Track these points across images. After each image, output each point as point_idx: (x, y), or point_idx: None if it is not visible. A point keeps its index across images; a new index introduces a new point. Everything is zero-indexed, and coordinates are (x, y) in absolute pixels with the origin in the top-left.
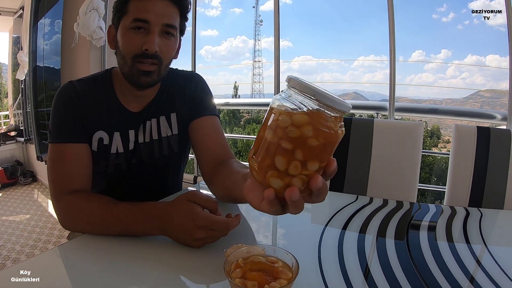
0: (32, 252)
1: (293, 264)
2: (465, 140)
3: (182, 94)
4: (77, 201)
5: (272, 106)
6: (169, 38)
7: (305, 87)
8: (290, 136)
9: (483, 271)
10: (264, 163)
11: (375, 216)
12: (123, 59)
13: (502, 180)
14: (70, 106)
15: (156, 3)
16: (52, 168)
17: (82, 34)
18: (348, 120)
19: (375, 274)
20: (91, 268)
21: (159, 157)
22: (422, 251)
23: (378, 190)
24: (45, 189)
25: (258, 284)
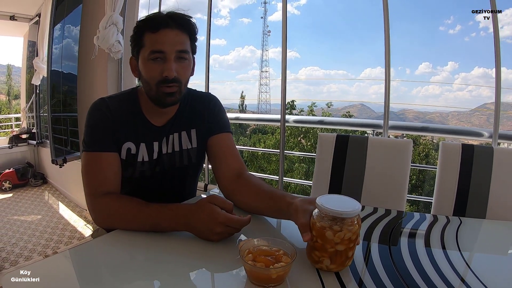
0: (44, 251)
1: (292, 251)
2: (451, 156)
3: (201, 113)
4: (112, 201)
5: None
6: (183, 61)
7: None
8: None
9: (456, 274)
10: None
11: (364, 221)
12: (148, 85)
13: (485, 192)
14: (103, 120)
15: (167, 34)
16: (87, 173)
17: (102, 47)
18: (345, 137)
19: (359, 266)
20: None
21: (179, 167)
22: (402, 254)
23: (371, 200)
24: (56, 192)
25: (265, 264)
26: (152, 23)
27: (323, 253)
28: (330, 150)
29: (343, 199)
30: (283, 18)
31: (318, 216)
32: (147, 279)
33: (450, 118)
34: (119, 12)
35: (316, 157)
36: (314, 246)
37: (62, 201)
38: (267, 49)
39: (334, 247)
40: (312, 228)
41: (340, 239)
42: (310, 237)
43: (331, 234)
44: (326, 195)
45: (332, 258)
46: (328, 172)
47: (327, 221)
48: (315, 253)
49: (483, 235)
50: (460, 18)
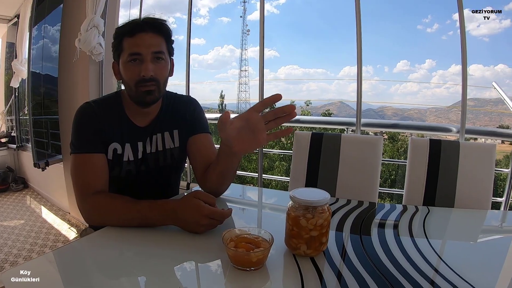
0: (29, 255)
1: (269, 238)
2: (419, 151)
3: (183, 115)
4: (103, 199)
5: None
6: (159, 62)
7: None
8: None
9: (423, 257)
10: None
11: (338, 212)
12: (128, 86)
13: (452, 183)
14: (90, 122)
15: (143, 37)
16: (76, 174)
17: (83, 49)
18: (320, 135)
19: (333, 253)
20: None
21: (163, 165)
22: (372, 240)
23: (345, 193)
24: (37, 196)
25: (245, 250)
26: (129, 28)
27: (299, 239)
28: (306, 147)
29: (314, 191)
30: (260, 17)
31: (292, 207)
32: (139, 270)
33: (428, 114)
34: (100, 14)
35: (292, 154)
36: (291, 234)
37: (45, 205)
38: (246, 48)
39: (309, 233)
40: (288, 218)
41: (313, 225)
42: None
43: (305, 222)
44: (299, 189)
45: (308, 243)
46: (305, 167)
47: (301, 211)
48: (293, 240)
49: (447, 222)
50: (438, 17)
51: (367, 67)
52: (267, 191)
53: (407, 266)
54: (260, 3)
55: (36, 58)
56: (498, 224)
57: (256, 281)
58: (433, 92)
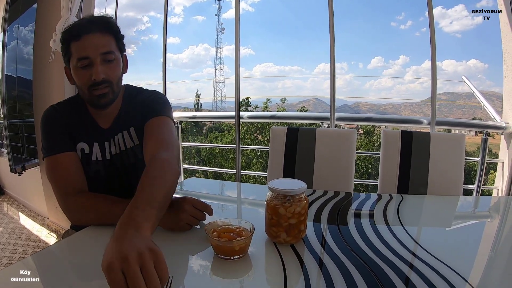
0: (10, 263)
1: (251, 227)
2: (391, 142)
3: (138, 108)
4: (85, 199)
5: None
6: (110, 63)
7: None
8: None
9: (398, 240)
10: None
11: (315, 202)
12: (81, 91)
13: (424, 171)
14: (55, 123)
15: (89, 38)
16: (53, 177)
17: (58, 50)
18: (295, 130)
19: (312, 241)
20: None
21: (129, 165)
22: (349, 228)
23: (321, 185)
24: (14, 202)
25: (228, 239)
26: (74, 31)
27: (279, 228)
28: (282, 142)
29: (290, 181)
30: (236, 16)
31: (271, 197)
32: None
33: (403, 109)
34: (75, 14)
35: (269, 149)
36: (270, 223)
37: (22, 211)
38: (221, 47)
39: (288, 221)
40: (267, 207)
41: (292, 213)
42: None
43: (283, 210)
44: (277, 180)
45: (287, 231)
46: (281, 162)
47: (279, 200)
48: (272, 229)
49: (421, 208)
50: (412, 14)
51: (341, 64)
52: (246, 185)
53: (384, 249)
54: (235, 1)
55: (8, 60)
56: (468, 209)
57: (240, 269)
58: (407, 87)
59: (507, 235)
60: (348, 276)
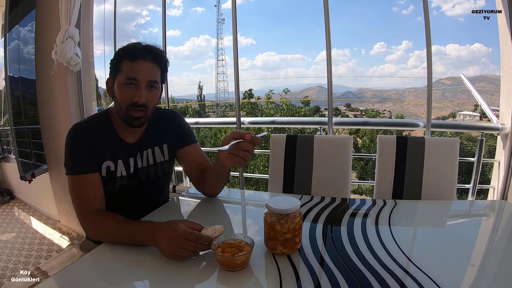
0: (26, 267)
1: (251, 242)
2: (387, 147)
3: (169, 129)
4: (98, 219)
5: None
6: (153, 90)
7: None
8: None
9: (383, 246)
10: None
11: (312, 210)
12: (119, 106)
13: (418, 176)
14: (81, 143)
15: (142, 64)
16: (74, 195)
17: (60, 61)
18: (294, 137)
19: (306, 249)
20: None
21: (154, 178)
22: (341, 236)
23: (320, 190)
24: (25, 206)
25: (231, 254)
26: (131, 53)
27: (276, 241)
28: (282, 149)
29: (286, 199)
30: (232, 5)
31: (268, 214)
32: (138, 281)
33: (407, 94)
34: (74, 24)
35: (270, 155)
36: (268, 237)
37: (34, 215)
38: (222, 38)
39: (284, 236)
40: (265, 223)
41: (287, 229)
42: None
43: (280, 227)
44: (274, 198)
45: (284, 244)
46: (281, 168)
47: (275, 218)
48: (270, 242)
49: (412, 214)
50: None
51: (344, 51)
52: (248, 193)
53: (371, 259)
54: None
55: (11, 61)
56: (461, 215)
57: (242, 279)
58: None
59: (497, 243)
60: (336, 285)
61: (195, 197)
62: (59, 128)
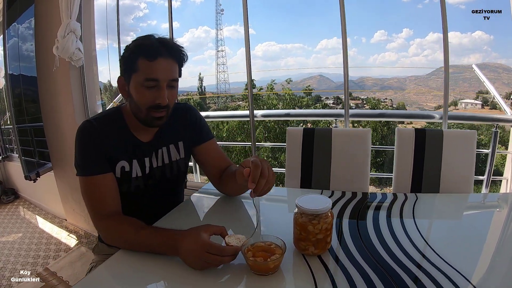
0: (34, 269)
1: (282, 244)
2: (405, 140)
3: (184, 125)
4: (114, 224)
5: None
6: (173, 89)
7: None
8: None
9: (410, 241)
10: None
11: (336, 205)
12: (137, 108)
13: (437, 169)
14: (93, 143)
15: (162, 63)
16: (87, 197)
17: (62, 56)
18: (311, 130)
19: (335, 247)
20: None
21: (170, 177)
22: (368, 233)
23: (338, 183)
24: (30, 205)
25: (263, 258)
26: (148, 50)
27: (307, 242)
28: (299, 142)
29: (316, 198)
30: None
31: (299, 214)
32: (164, 280)
33: (408, 82)
34: (75, 18)
35: (286, 149)
36: (299, 238)
37: (39, 214)
38: (221, 28)
39: (316, 237)
40: (296, 223)
41: (319, 230)
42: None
43: (312, 227)
44: (304, 197)
45: (315, 245)
46: (299, 162)
47: (307, 218)
48: (301, 243)
49: (435, 208)
50: None
51: None
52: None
53: (397, 251)
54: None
55: (9, 58)
56: (485, 209)
57: (275, 284)
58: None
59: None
60: (370, 282)
61: (211, 194)
62: (63, 125)
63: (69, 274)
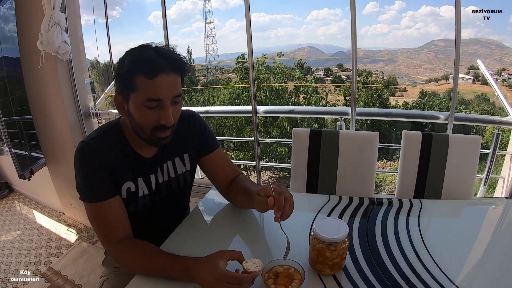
0: (38, 269)
1: (300, 269)
2: (412, 144)
3: (189, 135)
4: (126, 250)
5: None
6: (177, 104)
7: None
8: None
9: (418, 259)
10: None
11: (345, 213)
12: (140, 129)
13: (440, 174)
14: (94, 166)
15: (164, 79)
16: (96, 224)
17: (48, 51)
18: (317, 132)
19: (348, 265)
20: None
21: (177, 190)
22: (377, 244)
23: (344, 186)
24: (25, 199)
25: (284, 285)
26: (146, 68)
27: (324, 265)
28: (305, 144)
29: (334, 223)
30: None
31: (316, 239)
32: None
33: (399, 55)
34: (59, 8)
35: (292, 151)
36: (316, 261)
37: (36, 208)
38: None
39: (332, 261)
40: (314, 248)
41: (336, 255)
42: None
43: (329, 254)
44: (321, 221)
45: (331, 267)
46: (305, 164)
47: (324, 244)
48: (318, 265)
49: (443, 219)
50: None
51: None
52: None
53: (411, 276)
54: None
55: None
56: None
57: None
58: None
59: None
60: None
61: (217, 202)
62: (54, 121)
63: (73, 272)
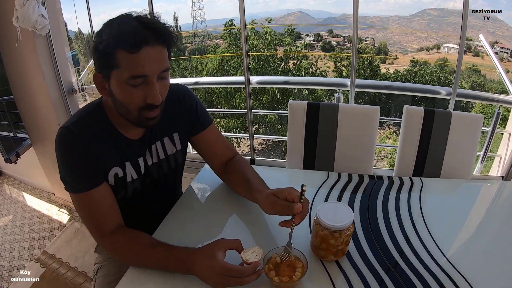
0: (32, 253)
1: (301, 256)
2: (413, 120)
3: (179, 113)
4: (120, 242)
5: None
6: (165, 80)
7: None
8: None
9: (420, 241)
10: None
11: (345, 191)
12: (125, 109)
13: (441, 152)
14: (77, 154)
15: (148, 53)
16: (84, 215)
17: (24, 27)
18: (316, 105)
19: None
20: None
21: (168, 172)
22: (379, 226)
23: (343, 163)
24: (15, 181)
25: (288, 277)
26: (128, 40)
27: (327, 252)
28: (302, 118)
29: (337, 208)
30: None
31: (320, 225)
32: None
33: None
34: None
35: (288, 126)
36: (320, 247)
37: (25, 190)
38: None
39: (336, 248)
40: (317, 235)
41: (341, 242)
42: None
43: (334, 241)
44: (324, 206)
45: (335, 254)
46: (302, 140)
47: (328, 231)
48: (321, 252)
49: (444, 199)
50: None
51: None
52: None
53: (414, 260)
54: None
55: None
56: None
57: None
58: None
59: None
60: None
61: (212, 180)
62: (36, 101)
63: (68, 254)
